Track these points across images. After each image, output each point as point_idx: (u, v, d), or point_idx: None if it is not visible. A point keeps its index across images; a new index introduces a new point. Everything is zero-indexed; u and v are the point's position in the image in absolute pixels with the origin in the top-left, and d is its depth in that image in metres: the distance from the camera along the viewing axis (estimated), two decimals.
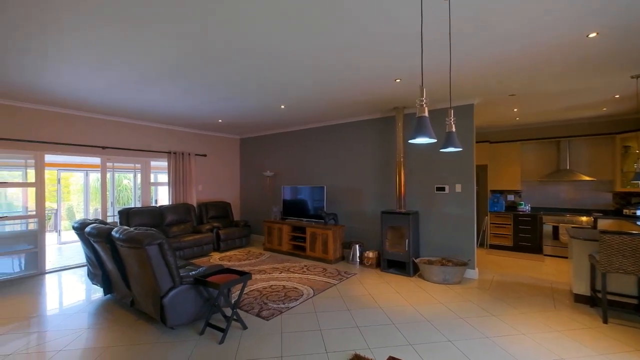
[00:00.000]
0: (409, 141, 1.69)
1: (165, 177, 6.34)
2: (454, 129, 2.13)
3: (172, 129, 6.28)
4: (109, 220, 5.84)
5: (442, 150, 2.16)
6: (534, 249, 5.87)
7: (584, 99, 4.33)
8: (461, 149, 2.22)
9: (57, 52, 2.78)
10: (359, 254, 5.15)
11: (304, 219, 5.85)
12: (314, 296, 3.71)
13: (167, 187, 6.23)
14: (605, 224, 5.06)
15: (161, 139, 6.11)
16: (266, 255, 5.78)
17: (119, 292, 3.39)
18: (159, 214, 5.64)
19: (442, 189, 4.64)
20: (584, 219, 5.42)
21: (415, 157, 4.89)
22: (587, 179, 5.60)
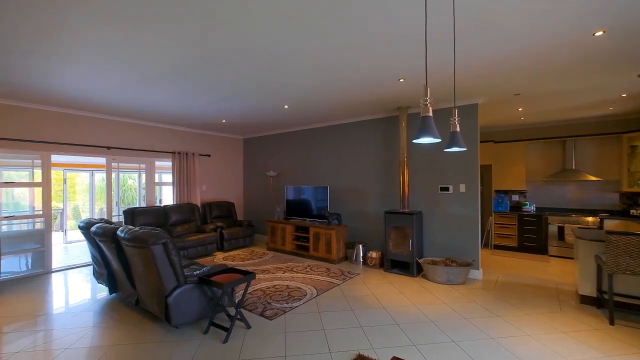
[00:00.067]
0: (413, 141, 1.68)
1: (169, 177, 6.37)
2: (458, 129, 2.12)
3: (176, 129, 6.32)
4: (114, 219, 5.89)
5: (446, 150, 2.15)
6: (539, 250, 5.82)
7: (590, 98, 4.29)
8: (465, 149, 2.21)
9: (62, 53, 2.81)
10: (362, 254, 5.14)
11: (308, 219, 5.86)
12: (317, 296, 3.71)
13: (171, 187, 6.27)
14: (611, 224, 5.01)
15: (165, 139, 6.15)
16: (270, 255, 5.80)
17: (124, 291, 3.41)
18: (163, 214, 5.67)
19: (446, 189, 4.62)
20: (590, 219, 5.36)
21: (418, 157, 4.88)
22: (593, 179, 5.54)
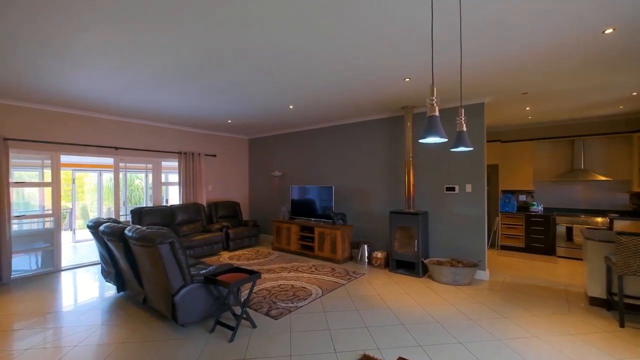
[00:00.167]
0: (419, 140, 1.68)
1: (175, 177, 6.43)
2: (464, 128, 2.10)
3: (182, 130, 6.38)
4: (122, 219, 5.96)
5: (452, 149, 2.14)
6: (547, 251, 5.75)
7: (600, 97, 4.22)
8: (472, 149, 2.19)
9: (73, 56, 2.85)
10: (367, 254, 5.13)
11: (313, 219, 5.86)
12: (322, 296, 3.71)
13: (177, 187, 6.33)
14: (621, 225, 4.92)
15: (172, 139, 6.21)
16: (275, 254, 5.81)
17: (131, 289, 3.46)
18: (169, 214, 5.73)
19: (452, 189, 4.58)
20: (599, 219, 5.28)
21: (424, 157, 4.85)
22: (602, 179, 5.45)
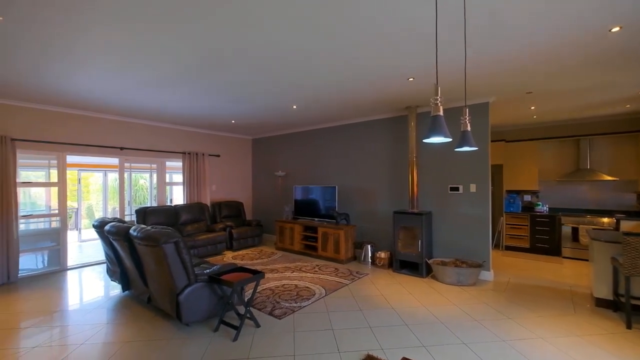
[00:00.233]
0: (423, 140, 1.67)
1: (180, 177, 6.47)
2: (469, 128, 2.09)
3: (186, 130, 6.41)
4: (126, 218, 6.01)
5: (457, 149, 2.13)
6: (552, 251, 5.70)
7: (606, 96, 4.18)
8: (476, 149, 2.18)
9: (77, 57, 2.88)
10: (370, 254, 5.12)
11: (316, 219, 5.87)
12: (326, 296, 3.71)
13: (181, 187, 6.36)
14: (628, 225, 4.87)
15: (176, 139, 6.24)
16: (278, 254, 5.83)
17: (136, 289, 3.48)
18: (174, 213, 5.76)
19: (456, 189, 4.56)
20: (605, 220, 5.22)
21: (428, 157, 4.83)
22: (608, 178, 5.40)
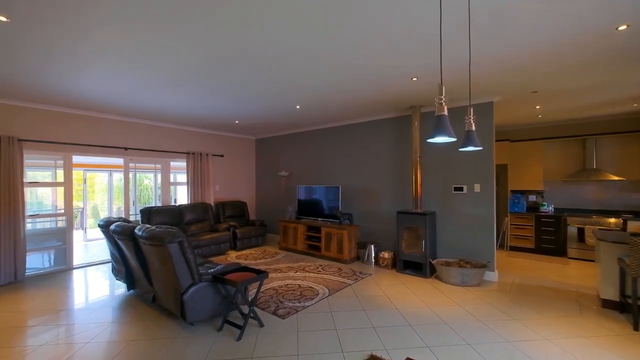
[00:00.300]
0: (428, 140, 1.67)
1: (184, 177, 6.51)
2: (473, 128, 2.08)
3: (190, 130, 6.45)
4: (131, 218, 6.05)
5: (461, 149, 2.12)
6: (558, 252, 5.65)
7: (613, 95, 4.13)
8: (481, 148, 2.17)
9: (84, 58, 2.91)
10: (374, 255, 5.12)
11: (319, 219, 5.87)
12: (329, 296, 3.71)
13: (185, 187, 6.40)
14: (635, 226, 4.82)
15: (180, 140, 6.28)
16: (281, 254, 5.84)
17: (141, 288, 3.51)
18: (178, 213, 5.80)
19: (460, 189, 4.54)
20: (612, 220, 5.17)
21: (432, 157, 4.81)
22: (615, 178, 5.34)
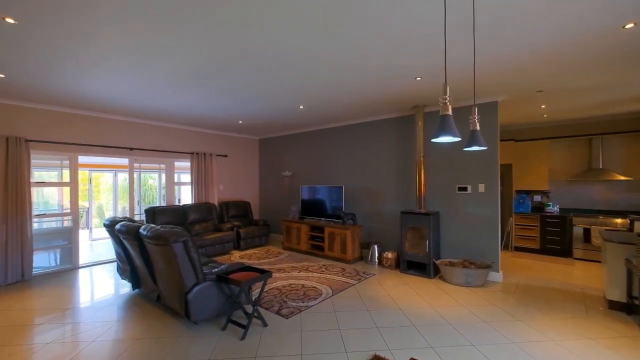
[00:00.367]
0: (432, 140, 1.66)
1: (188, 177, 6.54)
2: (478, 127, 2.07)
3: (194, 131, 6.48)
4: (136, 218, 6.10)
5: (466, 149, 2.11)
6: (563, 252, 5.60)
7: (619, 94, 4.09)
8: (486, 148, 2.15)
9: (89, 59, 2.93)
10: (377, 255, 5.11)
11: (322, 219, 5.87)
12: (332, 296, 3.71)
13: (189, 187, 6.43)
14: None
15: (184, 140, 6.32)
16: (285, 254, 5.85)
17: (146, 287, 3.53)
18: (182, 213, 5.83)
19: (464, 189, 4.52)
20: (618, 221, 5.11)
21: (435, 157, 4.79)
22: (622, 178, 5.28)
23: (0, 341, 2.71)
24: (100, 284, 4.27)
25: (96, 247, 6.91)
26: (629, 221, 4.96)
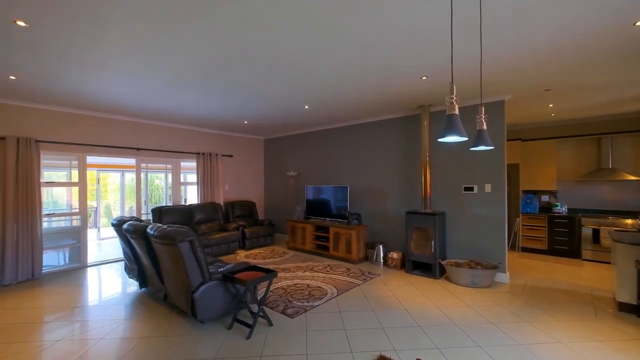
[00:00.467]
0: (438, 140, 1.65)
1: (194, 177, 6.59)
2: (485, 127, 2.05)
3: (200, 131, 6.53)
4: (143, 217, 6.17)
5: (472, 149, 2.10)
6: (572, 253, 5.52)
7: (630, 92, 4.02)
8: (492, 148, 2.14)
9: (97, 61, 2.97)
10: (382, 255, 5.09)
11: (327, 219, 5.87)
12: (337, 296, 3.71)
13: (195, 187, 6.48)
14: None
15: (190, 140, 6.37)
16: (290, 254, 5.86)
17: (153, 286, 3.57)
18: (188, 213, 5.88)
19: (471, 189, 4.48)
20: (628, 221, 5.02)
21: (441, 156, 4.76)
22: (632, 178, 5.19)
23: (11, 338, 2.76)
24: (108, 283, 4.32)
25: (104, 246, 7.00)
26: (639, 222, 4.88)
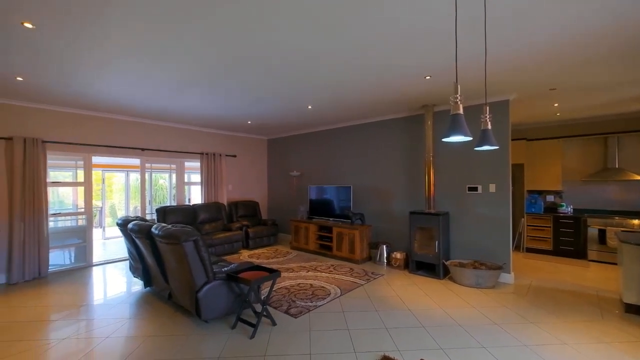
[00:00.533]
0: (443, 140, 1.65)
1: (197, 177, 6.63)
2: (489, 126, 2.04)
3: (204, 131, 6.56)
4: (147, 217, 6.21)
5: (476, 148, 2.08)
6: (577, 254, 5.47)
7: (634, 92, 3.97)
8: (497, 147, 2.12)
9: (101, 62, 3.00)
10: (386, 255, 5.08)
11: (331, 219, 5.87)
12: (341, 296, 3.71)
13: (199, 187, 6.52)
14: None
15: (194, 140, 6.40)
16: (293, 254, 5.87)
17: (157, 285, 3.60)
18: (192, 212, 5.91)
19: (475, 189, 4.45)
20: (635, 222, 4.96)
21: (445, 156, 4.74)
22: (639, 178, 5.12)
23: (18, 336, 2.80)
24: (113, 282, 4.36)
25: (109, 245, 7.06)
26: None
